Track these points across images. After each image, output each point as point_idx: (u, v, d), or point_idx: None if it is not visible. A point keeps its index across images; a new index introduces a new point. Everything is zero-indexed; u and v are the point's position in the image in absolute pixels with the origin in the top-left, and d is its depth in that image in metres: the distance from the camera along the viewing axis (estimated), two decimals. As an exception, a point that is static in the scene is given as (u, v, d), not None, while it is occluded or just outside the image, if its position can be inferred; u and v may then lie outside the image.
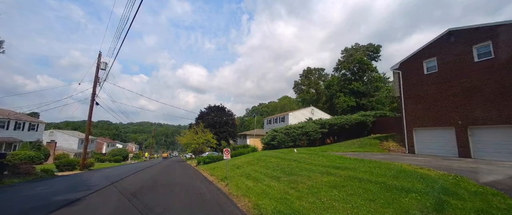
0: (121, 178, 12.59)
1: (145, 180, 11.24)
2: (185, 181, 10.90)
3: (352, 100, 38.66)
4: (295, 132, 21.76)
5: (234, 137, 52.31)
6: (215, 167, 16.26)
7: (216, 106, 50.79)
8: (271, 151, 18.49)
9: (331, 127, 23.19)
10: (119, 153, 41.31)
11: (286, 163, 10.99)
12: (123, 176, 13.69)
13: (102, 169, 20.16)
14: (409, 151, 17.34)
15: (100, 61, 20.71)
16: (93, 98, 20.20)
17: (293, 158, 12.01)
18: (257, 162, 13.39)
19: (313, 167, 9.08)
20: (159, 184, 9.73)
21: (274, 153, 16.22)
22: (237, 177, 9.91)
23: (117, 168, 21.93)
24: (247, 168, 12.14)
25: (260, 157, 15.26)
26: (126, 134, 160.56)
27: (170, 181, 10.83)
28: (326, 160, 10.43)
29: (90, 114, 20.04)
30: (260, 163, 12.69)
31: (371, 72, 42.22)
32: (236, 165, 13.89)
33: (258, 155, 16.60)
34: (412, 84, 17.49)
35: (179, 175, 13.68)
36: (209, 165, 19.60)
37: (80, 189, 8.52)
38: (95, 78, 20.45)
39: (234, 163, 14.90)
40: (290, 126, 23.23)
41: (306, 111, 38.27)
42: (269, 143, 22.60)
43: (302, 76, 57.67)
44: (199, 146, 38.11)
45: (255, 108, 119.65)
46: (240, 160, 15.97)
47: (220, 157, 22.32)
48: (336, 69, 50.66)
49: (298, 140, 21.58)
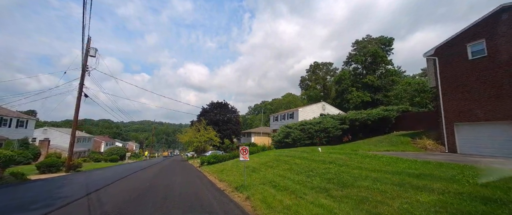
0: (107, 183, 9.94)
1: (134, 189, 8.55)
2: (188, 190, 8.21)
3: (366, 95, 35.82)
4: (312, 128, 19.02)
5: (238, 135, 49.71)
6: (222, 168, 13.56)
7: (219, 103, 48.15)
8: (288, 150, 15.76)
9: (352, 123, 20.42)
10: (116, 152, 38.71)
11: (321, 167, 8.25)
12: (111, 180, 11.04)
13: (92, 171, 17.54)
14: (450, 150, 14.64)
15: (89, 46, 18.03)
16: (81, 89, 17.54)
17: (326, 159, 9.27)
18: (277, 163, 10.67)
19: (371, 173, 6.35)
20: (152, 195, 7.05)
21: (293, 153, 13.49)
22: (259, 185, 7.19)
23: (110, 169, 19.31)
24: (267, 172, 9.43)
25: (277, 157, 12.54)
26: (127, 133, 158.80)
27: (167, 190, 8.12)
28: (377, 162, 7.70)
29: (78, 107, 17.38)
30: (283, 165, 9.96)
31: (386, 65, 39.31)
32: (251, 167, 11.18)
33: (274, 155, 13.88)
34: (453, 72, 14.79)
35: (179, 180, 10.99)
36: (215, 166, 16.93)
37: (34, 206, 5.83)
38: (83, 66, 17.77)
39: (247, 165, 12.19)
40: (305, 121, 20.51)
41: (317, 107, 35.47)
42: (282, 140, 19.90)
43: (309, 71, 54.77)
44: (201, 145, 35.63)
45: (258, 105, 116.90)
46: (254, 160, 13.23)
47: (226, 157, 19.65)
48: (346, 63, 47.77)
49: (315, 137, 18.85)
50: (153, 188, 8.49)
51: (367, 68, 42.03)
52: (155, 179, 11.36)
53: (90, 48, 18.02)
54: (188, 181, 10.51)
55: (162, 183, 9.95)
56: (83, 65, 17.80)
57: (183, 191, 7.88)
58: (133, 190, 8.13)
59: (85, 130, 74.58)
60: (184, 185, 9.25)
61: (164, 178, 12.02)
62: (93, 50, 18.11)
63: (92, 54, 18.06)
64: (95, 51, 18.25)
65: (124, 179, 11.96)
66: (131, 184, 9.87)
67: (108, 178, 12.44)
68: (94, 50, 18.15)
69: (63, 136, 43.19)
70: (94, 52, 18.12)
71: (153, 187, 8.72)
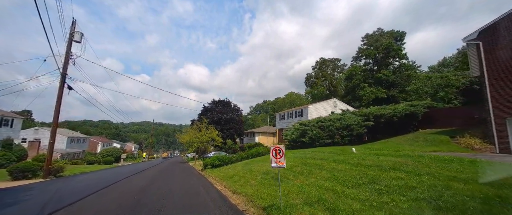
0: (83, 196, 7.39)
1: (115, 208, 5.94)
2: (191, 208, 5.60)
3: (381, 91, 33.23)
4: (332, 125, 16.43)
5: (241, 135, 47.08)
6: (232, 174, 10.94)
7: (221, 100, 45.55)
8: (309, 151, 13.13)
9: (377, 119, 17.83)
10: (111, 153, 36.03)
11: (384, 176, 5.66)
12: (90, 191, 8.46)
13: (75, 177, 14.90)
14: (501, 150, 12.13)
15: (74, 30, 15.45)
16: (64, 79, 14.94)
17: (380, 164, 6.68)
18: (309, 169, 8.07)
19: (498, 190, 3.74)
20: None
21: (320, 154, 10.88)
22: (304, 207, 4.58)
23: (98, 174, 16.68)
24: (301, 181, 6.84)
25: (303, 160, 9.92)
26: (127, 134, 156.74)
27: (160, 210, 5.50)
28: (472, 169, 5.10)
29: (59, 100, 14.77)
30: (318, 172, 7.36)
31: (401, 59, 36.74)
32: (271, 173, 8.57)
33: (296, 157, 11.27)
34: (502, 59, 12.37)
35: (179, 190, 8.39)
36: (221, 169, 14.32)
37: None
38: (67, 53, 15.17)
39: (266, 170, 9.56)
40: (324, 118, 17.91)
41: (327, 104, 32.89)
42: (297, 140, 17.30)
43: (315, 68, 52.17)
44: (203, 145, 33.06)
45: (259, 105, 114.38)
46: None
47: (233, 159, 17.05)
48: (355, 58, 45.19)
49: (336, 135, 16.26)
50: (141, 206, 5.89)
51: (379, 63, 39.48)
52: (147, 189, 8.74)
53: (75, 32, 15.45)
54: (189, 192, 7.91)
55: (155, 195, 7.36)
56: (66, 53, 15.21)
57: (184, 211, 5.29)
58: (111, 212, 5.53)
59: (81, 131, 71.97)
60: (185, 200, 6.66)
61: (159, 186, 9.40)
62: (78, 34, 15.54)
63: (77, 39, 15.48)
64: (81, 36, 15.67)
65: (108, 188, 9.35)
66: (114, 198, 7.26)
67: (89, 186, 9.84)
68: (80, 34, 15.58)
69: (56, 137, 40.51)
70: (79, 37, 15.54)
71: (141, 204, 6.11)
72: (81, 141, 46.89)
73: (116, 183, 11.06)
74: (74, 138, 43.62)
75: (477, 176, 4.63)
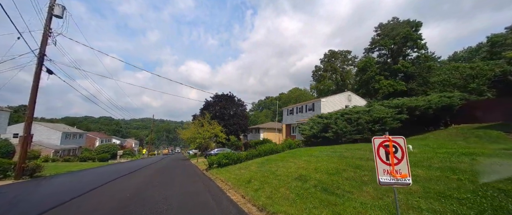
0: (44, 210, 4.94)
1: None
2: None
3: (400, 83, 30.51)
4: (361, 117, 13.85)
5: (245, 131, 44.63)
6: (248, 177, 8.44)
7: (224, 95, 43.00)
8: (343, 148, 10.58)
9: (411, 112, 15.24)
10: (107, 150, 33.67)
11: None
12: (59, 201, 6.03)
13: (53, 178, 12.43)
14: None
15: (54, 2, 12.88)
16: (41, 61, 12.42)
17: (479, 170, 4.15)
18: (372, 175, 5.51)
19: None
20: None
21: (362, 152, 8.34)
22: None
23: (84, 175, 14.24)
24: (370, 195, 4.29)
25: (346, 160, 7.38)
26: (128, 130, 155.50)
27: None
28: None
29: (35, 85, 12.25)
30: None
31: (419, 49, 33.91)
32: (308, 178, 6.05)
33: (330, 156, 8.73)
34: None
35: (177, 204, 5.90)
36: (230, 170, 11.84)
37: None
38: (45, 29, 12.62)
39: (296, 173, 7.02)
40: (350, 110, 15.34)
41: (341, 97, 30.26)
42: (317, 135, 14.75)
43: (324, 61, 49.28)
44: (205, 141, 30.68)
45: (262, 101, 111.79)
46: (308, 167, 8.04)
47: (242, 157, 14.53)
48: (368, 50, 42.35)
49: (366, 130, 13.69)
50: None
51: (395, 54, 36.69)
52: (135, 200, 6.24)
53: (55, 4, 12.87)
54: (194, 208, 5.41)
55: (144, 212, 4.87)
56: (44, 29, 12.64)
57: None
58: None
59: (81, 127, 69.86)
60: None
61: (152, 194, 6.92)
62: (59, 8, 12.95)
63: (57, 13, 12.89)
64: (63, 10, 13.09)
65: (85, 196, 6.91)
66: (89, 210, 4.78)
67: (63, 193, 7.40)
68: (61, 8, 12.99)
69: (49, 132, 38.27)
70: (60, 10, 12.95)
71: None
72: (77, 136, 44.63)
73: (102, 186, 8.60)
74: (69, 133, 41.32)
75: None
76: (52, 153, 33.50)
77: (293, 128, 33.67)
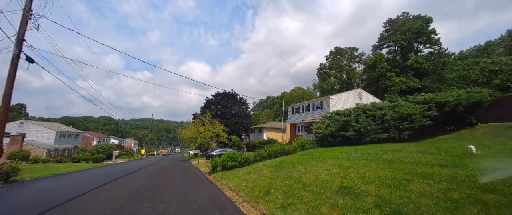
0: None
1: None
2: None
3: (413, 80, 28.77)
4: (387, 114, 12.10)
5: (247, 130, 42.91)
6: (264, 185, 6.72)
7: (226, 93, 41.28)
8: (377, 150, 8.83)
9: (440, 109, 13.50)
10: (103, 150, 31.88)
11: None
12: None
13: (26, 184, 10.62)
14: None
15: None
16: (20, 46, 10.68)
17: None
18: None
19: None
20: None
21: (404, 155, 6.58)
22: None
23: (70, 179, 12.47)
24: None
25: (406, 167, 5.63)
26: (128, 130, 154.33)
27: None
28: None
29: (12, 74, 10.50)
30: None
31: (433, 45, 32.19)
32: (358, 193, 4.31)
33: (369, 160, 6.97)
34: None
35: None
36: (236, 173, 10.10)
37: None
38: (25, 10, 10.89)
39: (334, 182, 5.28)
40: (373, 105, 13.57)
41: (352, 95, 28.56)
42: (335, 134, 12.99)
43: (329, 58, 47.51)
44: (206, 141, 29.00)
45: (263, 101, 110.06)
46: (347, 174, 6.29)
47: (250, 158, 12.75)
48: (376, 46, 40.65)
49: (392, 128, 11.95)
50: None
51: (406, 50, 34.96)
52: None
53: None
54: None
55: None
56: (24, 8, 10.91)
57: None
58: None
59: (80, 127, 68.10)
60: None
61: (143, 209, 5.17)
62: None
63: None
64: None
65: (52, 212, 5.17)
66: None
67: (27, 208, 5.66)
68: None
69: (42, 131, 36.50)
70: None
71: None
72: (73, 136, 42.87)
73: (79, 197, 6.86)
74: (64, 132, 39.57)
75: None
76: (45, 153, 31.75)
77: (299, 127, 31.94)
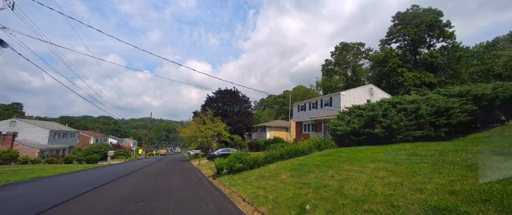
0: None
1: None
2: None
3: (428, 75, 27.07)
4: (422, 108, 10.38)
5: (250, 129, 41.28)
6: (294, 196, 5.01)
7: (228, 90, 39.62)
8: (421, 149, 7.10)
9: (477, 103, 11.80)
10: (97, 150, 30.15)
11: None
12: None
13: (7, 187, 8.96)
14: None
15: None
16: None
17: None
18: None
19: None
20: None
21: (482, 157, 4.87)
22: None
23: (51, 184, 10.75)
24: None
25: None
26: (128, 130, 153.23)
27: None
28: None
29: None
30: None
31: (447, 39, 30.47)
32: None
33: (438, 165, 5.26)
34: None
35: None
36: (246, 177, 8.37)
37: None
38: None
39: (436, 205, 3.57)
40: (402, 98, 11.84)
41: (363, 91, 26.84)
42: (358, 132, 11.26)
43: (335, 54, 45.76)
44: (207, 140, 27.43)
45: (264, 100, 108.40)
46: (411, 184, 4.56)
47: (260, 160, 11.01)
48: (384, 41, 38.94)
49: (427, 124, 10.24)
50: None
51: (417, 44, 33.24)
52: None
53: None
54: None
55: None
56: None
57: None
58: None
59: (78, 126, 66.29)
60: None
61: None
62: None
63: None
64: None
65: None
66: None
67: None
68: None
69: (35, 130, 34.76)
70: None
71: None
72: (68, 135, 41.11)
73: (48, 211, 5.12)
74: (58, 131, 37.81)
75: None
76: (37, 153, 30.03)
77: (305, 125, 30.23)
